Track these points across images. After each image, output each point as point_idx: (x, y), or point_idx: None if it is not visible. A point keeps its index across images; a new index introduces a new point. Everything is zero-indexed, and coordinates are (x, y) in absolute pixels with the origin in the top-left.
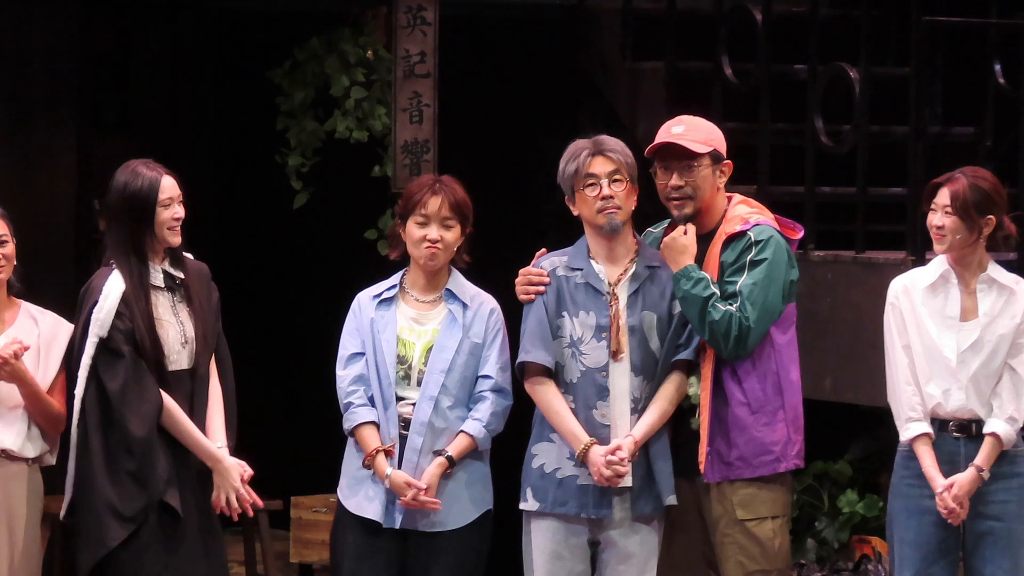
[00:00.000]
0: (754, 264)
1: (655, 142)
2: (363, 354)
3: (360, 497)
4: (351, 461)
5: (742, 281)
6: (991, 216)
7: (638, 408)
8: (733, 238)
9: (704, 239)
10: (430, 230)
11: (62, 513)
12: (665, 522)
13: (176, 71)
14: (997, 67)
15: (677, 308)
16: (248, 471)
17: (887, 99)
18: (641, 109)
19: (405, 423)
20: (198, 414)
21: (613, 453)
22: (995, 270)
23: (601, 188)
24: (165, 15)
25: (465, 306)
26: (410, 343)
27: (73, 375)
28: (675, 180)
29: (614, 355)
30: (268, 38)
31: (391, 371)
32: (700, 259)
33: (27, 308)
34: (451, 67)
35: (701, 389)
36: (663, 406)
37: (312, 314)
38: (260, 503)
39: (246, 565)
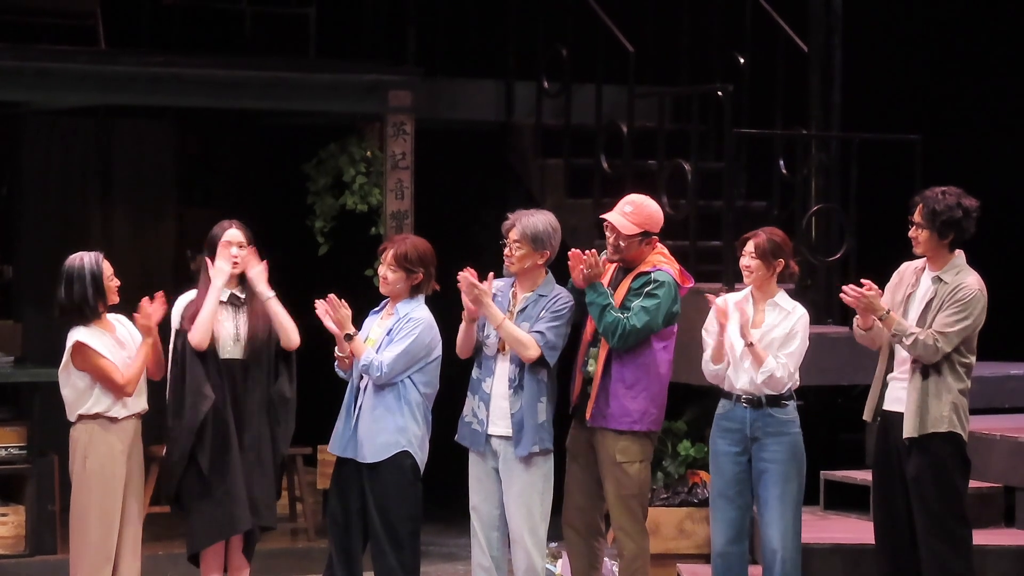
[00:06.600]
0: (649, 295)
1: (604, 215)
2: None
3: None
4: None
5: (636, 302)
6: (781, 260)
7: (512, 385)
8: (640, 275)
9: (627, 274)
10: (382, 269)
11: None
12: (553, 460)
13: (245, 163)
14: (780, 162)
15: (541, 324)
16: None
17: (710, 183)
18: (547, 191)
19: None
20: (249, 400)
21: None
22: (781, 298)
23: (506, 247)
24: (236, 128)
25: (399, 318)
26: (373, 339)
27: (164, 346)
28: (609, 237)
29: (501, 349)
30: (302, 144)
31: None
32: (618, 284)
33: (118, 317)
34: (423, 161)
35: (596, 368)
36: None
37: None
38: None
39: (288, 489)
